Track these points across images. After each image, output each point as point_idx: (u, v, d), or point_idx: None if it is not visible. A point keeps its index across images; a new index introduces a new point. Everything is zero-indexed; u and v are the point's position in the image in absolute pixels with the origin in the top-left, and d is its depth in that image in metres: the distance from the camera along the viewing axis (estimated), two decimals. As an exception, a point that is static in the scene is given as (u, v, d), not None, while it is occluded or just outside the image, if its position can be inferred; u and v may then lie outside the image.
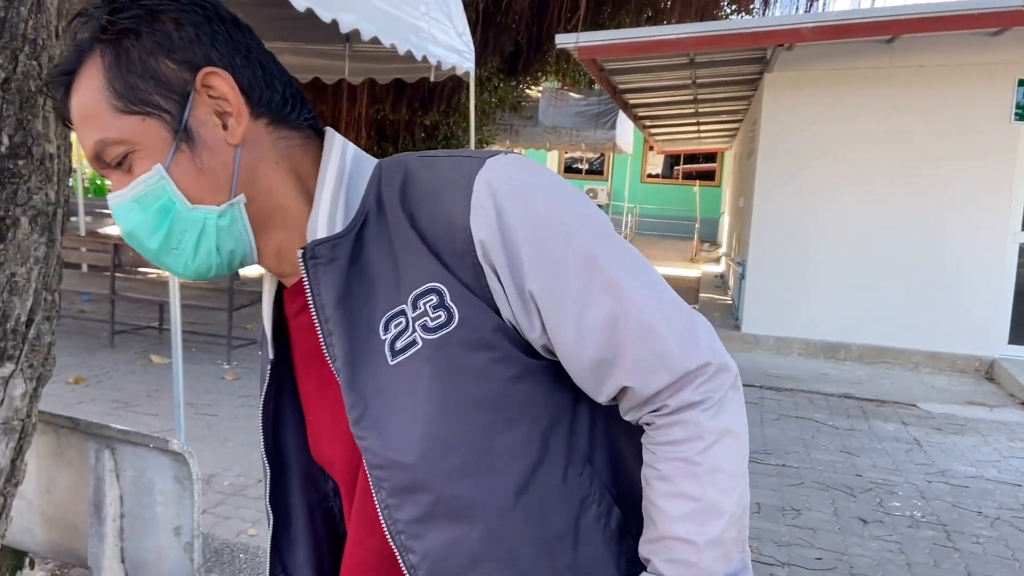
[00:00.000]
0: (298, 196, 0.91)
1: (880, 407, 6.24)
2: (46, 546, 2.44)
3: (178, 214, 0.86)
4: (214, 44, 0.86)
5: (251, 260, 0.93)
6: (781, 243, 8.15)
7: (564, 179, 0.90)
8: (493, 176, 0.84)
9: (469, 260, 0.83)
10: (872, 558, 3.59)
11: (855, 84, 7.79)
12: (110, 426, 2.13)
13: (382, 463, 0.86)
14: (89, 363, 6.11)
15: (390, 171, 0.90)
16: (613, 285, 0.83)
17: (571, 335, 0.84)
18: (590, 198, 0.91)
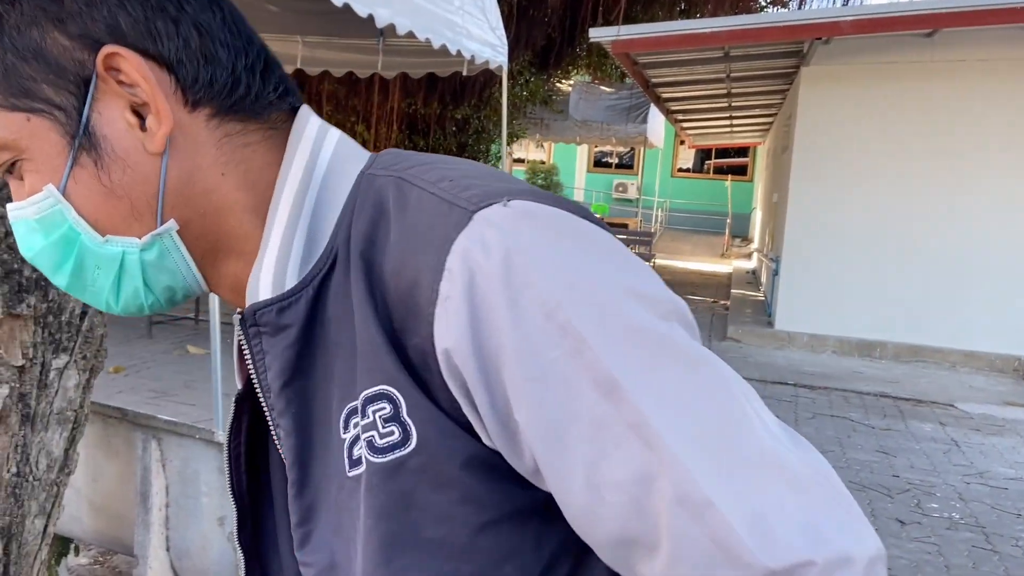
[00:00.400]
0: (253, 217, 0.65)
1: (917, 407, 6.16)
2: (92, 534, 2.48)
3: (85, 248, 0.63)
4: (122, 5, 0.60)
5: (199, 291, 0.70)
6: (816, 239, 8.07)
7: (597, 233, 0.59)
8: (476, 246, 0.54)
9: (433, 365, 0.56)
10: (910, 560, 3.55)
11: (893, 79, 7.68)
12: (157, 416, 2.16)
13: None
14: (128, 353, 6.20)
15: (368, 191, 0.62)
16: (643, 423, 0.51)
17: (580, 493, 0.53)
18: (648, 271, 0.59)
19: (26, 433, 1.45)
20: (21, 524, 1.49)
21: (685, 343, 0.56)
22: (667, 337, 0.55)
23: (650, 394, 0.52)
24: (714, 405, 0.55)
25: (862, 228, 7.91)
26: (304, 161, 0.65)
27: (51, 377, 1.51)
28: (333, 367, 0.62)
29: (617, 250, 0.58)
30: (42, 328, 1.45)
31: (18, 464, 1.43)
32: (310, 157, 0.65)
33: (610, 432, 0.52)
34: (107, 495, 2.37)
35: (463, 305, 0.53)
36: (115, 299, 0.66)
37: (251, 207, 0.65)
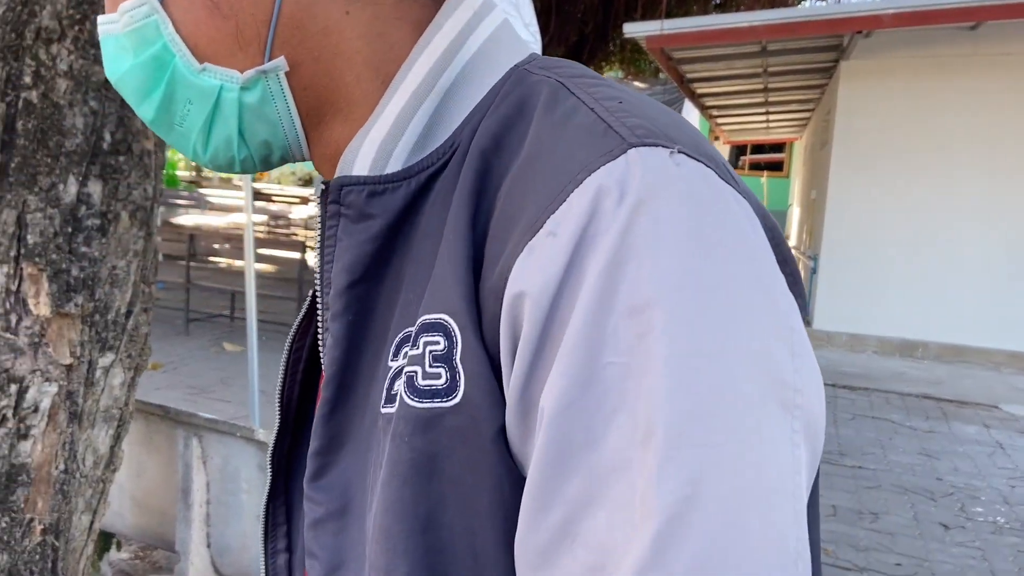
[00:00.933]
0: (374, 78, 0.54)
1: (961, 408, 6.04)
2: (135, 529, 2.51)
3: (178, 75, 0.53)
4: None
5: (299, 155, 0.58)
6: (856, 236, 7.94)
7: (759, 249, 0.44)
8: (614, 187, 0.42)
9: (495, 308, 0.44)
10: (954, 565, 3.47)
11: (936, 73, 7.53)
12: (198, 414, 2.18)
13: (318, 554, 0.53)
14: (165, 350, 6.28)
15: (516, 87, 0.51)
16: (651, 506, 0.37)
17: (549, 528, 0.40)
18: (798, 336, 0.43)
19: (73, 431, 1.46)
20: (68, 520, 1.50)
21: (766, 425, 0.38)
22: (763, 411, 0.38)
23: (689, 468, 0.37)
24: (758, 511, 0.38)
25: (904, 225, 7.77)
26: (454, 32, 0.53)
27: (97, 375, 1.52)
28: (404, 280, 0.51)
29: (771, 289, 0.43)
30: (89, 327, 1.47)
31: (66, 461, 1.45)
32: (462, 30, 0.53)
33: (620, 485, 0.38)
34: (149, 491, 2.40)
35: (565, 250, 0.41)
36: (203, 146, 0.56)
37: (374, 64, 0.53)
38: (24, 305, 1.35)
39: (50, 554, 1.44)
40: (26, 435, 1.37)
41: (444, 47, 0.52)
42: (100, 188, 1.47)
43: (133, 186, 1.55)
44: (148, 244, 1.64)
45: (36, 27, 1.36)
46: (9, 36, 1.35)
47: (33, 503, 1.40)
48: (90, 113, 1.43)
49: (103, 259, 1.50)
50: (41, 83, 1.37)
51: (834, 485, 4.32)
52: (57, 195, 1.40)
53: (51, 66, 1.38)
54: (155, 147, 1.62)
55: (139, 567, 3.05)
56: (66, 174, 1.41)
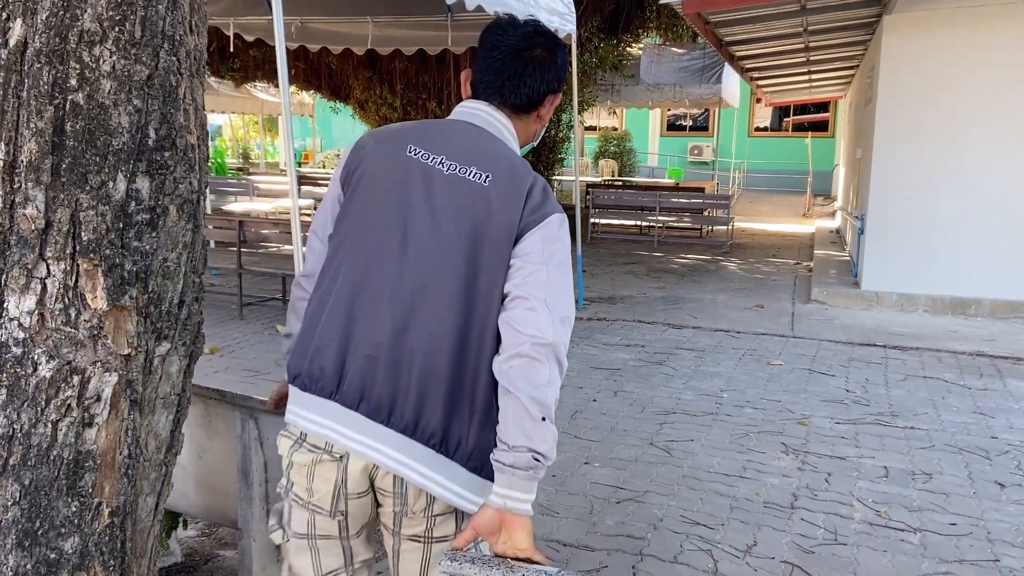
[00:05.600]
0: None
1: (1016, 365, 5.92)
2: (199, 508, 2.61)
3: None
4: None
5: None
6: (903, 194, 7.78)
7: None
8: None
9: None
10: (1011, 523, 3.44)
11: (985, 22, 7.30)
12: (253, 397, 2.26)
13: None
14: (222, 334, 6.45)
15: None
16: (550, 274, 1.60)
17: (528, 270, 1.52)
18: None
19: (135, 417, 1.53)
20: (134, 503, 1.58)
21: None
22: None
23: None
24: (566, 284, 1.51)
25: (952, 181, 7.59)
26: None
27: (155, 364, 1.59)
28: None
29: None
30: (144, 318, 1.53)
31: (129, 447, 1.52)
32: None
33: (544, 269, 1.50)
34: (211, 472, 2.49)
35: None
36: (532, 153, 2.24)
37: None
38: (82, 300, 1.42)
39: (118, 535, 1.52)
40: (90, 423, 1.45)
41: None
42: (148, 184, 1.52)
43: (179, 180, 1.60)
44: (196, 236, 1.69)
45: (79, 30, 1.41)
46: (53, 41, 1.40)
47: (100, 487, 1.47)
48: (134, 111, 1.48)
49: (154, 252, 1.56)
50: (86, 85, 1.42)
51: (886, 446, 4.28)
52: (107, 192, 1.46)
53: (95, 68, 1.43)
54: (198, 141, 1.67)
55: (206, 543, 3.18)
56: (115, 172, 1.46)
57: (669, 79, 14.65)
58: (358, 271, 1.55)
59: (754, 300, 8.18)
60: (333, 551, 1.62)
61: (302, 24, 8.23)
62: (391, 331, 1.50)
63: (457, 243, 1.52)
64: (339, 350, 1.52)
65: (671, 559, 3.10)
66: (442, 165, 1.57)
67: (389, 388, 1.49)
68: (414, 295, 1.51)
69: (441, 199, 1.55)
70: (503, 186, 1.55)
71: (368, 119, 12.96)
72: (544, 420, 1.39)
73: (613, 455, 4.11)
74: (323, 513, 1.57)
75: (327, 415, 1.52)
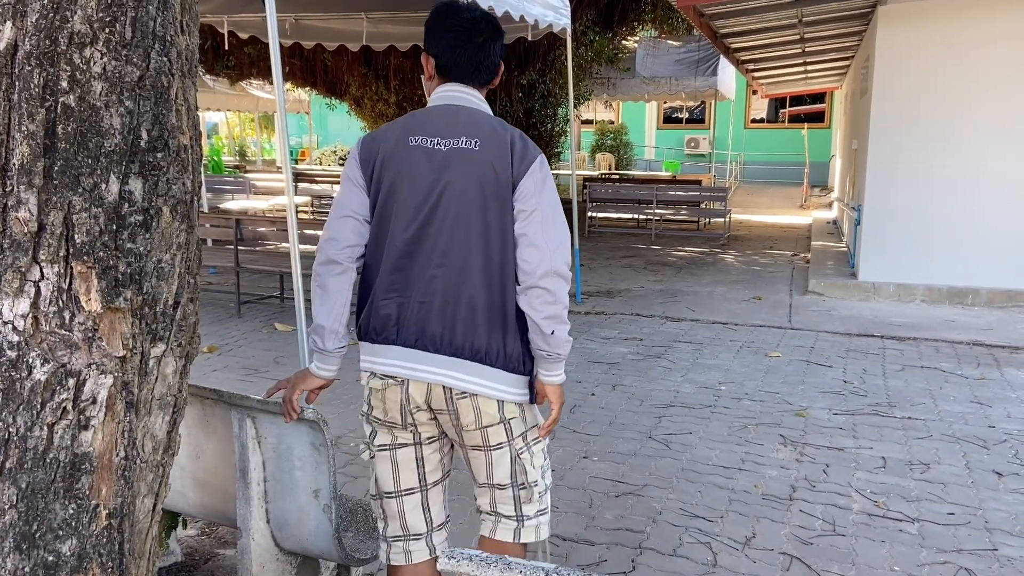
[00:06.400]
0: None
1: (1013, 354, 5.93)
2: (197, 508, 2.62)
3: None
4: None
5: None
6: (900, 185, 7.78)
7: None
8: None
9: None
10: (1008, 512, 3.45)
11: (981, 11, 7.29)
12: (250, 397, 2.26)
13: None
14: (220, 332, 6.45)
15: None
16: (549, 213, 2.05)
17: (530, 216, 2.01)
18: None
19: (131, 419, 1.53)
20: (132, 504, 1.58)
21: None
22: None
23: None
24: (557, 214, 2.00)
25: (948, 171, 7.59)
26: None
27: (150, 365, 1.59)
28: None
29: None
30: (139, 319, 1.53)
31: (126, 448, 1.52)
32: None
33: (539, 209, 1.97)
34: (209, 471, 2.49)
35: None
36: None
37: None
38: (76, 302, 1.42)
39: (116, 537, 1.53)
40: (86, 426, 1.45)
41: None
42: (141, 185, 1.52)
43: (172, 181, 1.60)
44: (191, 236, 1.69)
45: (69, 32, 1.41)
46: (44, 43, 1.40)
47: (97, 490, 1.47)
48: (126, 113, 1.48)
49: (148, 254, 1.56)
50: (77, 87, 1.42)
51: (884, 437, 4.29)
52: (100, 194, 1.45)
53: (86, 69, 1.43)
54: (191, 141, 1.67)
55: (206, 543, 3.18)
56: (107, 173, 1.46)
57: (665, 72, 14.64)
58: (401, 240, 1.96)
59: (752, 292, 8.18)
60: (409, 465, 2.07)
61: (296, 21, 8.21)
62: (437, 281, 1.95)
63: (471, 201, 1.94)
64: (397, 304, 1.97)
65: (670, 552, 3.11)
66: (440, 144, 1.96)
67: (440, 324, 1.95)
68: (448, 249, 1.94)
69: (450, 170, 1.94)
70: (490, 146, 1.96)
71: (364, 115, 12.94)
72: (553, 333, 1.96)
73: (612, 449, 4.12)
74: (398, 426, 2.04)
75: (391, 356, 1.98)
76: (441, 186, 1.94)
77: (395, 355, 1.98)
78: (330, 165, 22.51)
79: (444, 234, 1.94)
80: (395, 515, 2.10)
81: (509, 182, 1.95)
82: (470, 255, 1.94)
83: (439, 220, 1.94)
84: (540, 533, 2.12)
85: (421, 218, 1.94)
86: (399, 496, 2.09)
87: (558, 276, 1.93)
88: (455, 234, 1.94)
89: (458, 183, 1.94)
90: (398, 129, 2.00)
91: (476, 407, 1.98)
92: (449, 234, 1.94)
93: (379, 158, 1.98)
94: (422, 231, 1.95)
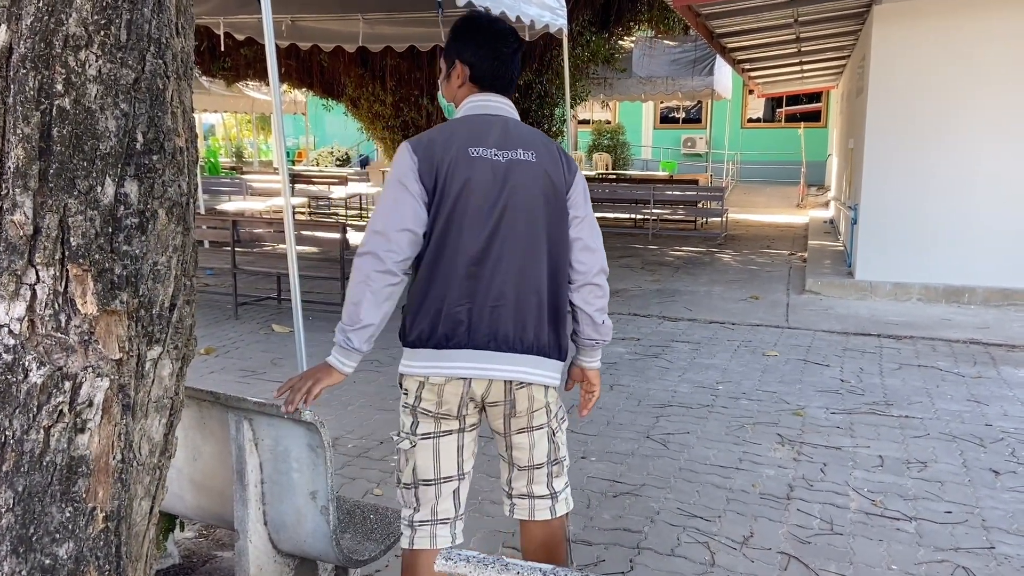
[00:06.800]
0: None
1: (1010, 352, 5.94)
2: (195, 510, 2.61)
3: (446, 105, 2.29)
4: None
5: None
6: (896, 184, 7.79)
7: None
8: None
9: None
10: (1005, 510, 3.45)
11: (975, 10, 7.31)
12: (247, 399, 2.25)
13: None
14: (217, 334, 6.44)
15: None
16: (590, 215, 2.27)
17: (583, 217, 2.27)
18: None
19: (128, 422, 1.53)
20: (129, 506, 1.58)
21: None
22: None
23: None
24: (594, 217, 2.29)
25: (944, 170, 7.60)
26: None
27: (147, 368, 1.59)
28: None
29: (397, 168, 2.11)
30: (135, 322, 1.53)
31: (122, 451, 1.52)
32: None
33: (586, 215, 2.23)
34: (206, 474, 2.49)
35: None
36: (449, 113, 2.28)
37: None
38: (72, 305, 1.42)
39: (113, 540, 1.52)
40: (83, 429, 1.45)
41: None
42: (136, 188, 1.52)
43: (168, 183, 1.60)
44: (187, 239, 1.69)
45: (64, 35, 1.41)
46: (39, 46, 1.40)
47: (94, 493, 1.47)
48: (121, 115, 1.48)
49: (144, 256, 1.55)
50: (72, 89, 1.42)
51: (881, 436, 4.30)
52: (96, 197, 1.45)
53: (81, 72, 1.43)
54: (187, 144, 1.67)
55: (203, 545, 3.18)
56: (103, 176, 1.46)
57: (661, 72, 14.64)
58: (474, 250, 2.05)
59: (749, 291, 8.19)
60: (449, 453, 2.15)
61: (292, 22, 8.20)
62: (508, 286, 2.07)
63: (534, 210, 2.09)
64: (467, 309, 2.05)
65: (668, 552, 3.11)
66: (499, 155, 2.07)
67: (512, 325, 2.08)
68: (516, 256, 2.07)
69: (512, 181, 2.07)
70: (544, 158, 2.12)
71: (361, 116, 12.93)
72: (604, 323, 2.26)
73: (610, 449, 4.12)
74: (450, 417, 2.12)
75: (461, 359, 2.06)
76: (506, 197, 2.05)
77: (465, 358, 2.06)
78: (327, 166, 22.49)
79: (511, 242, 2.06)
80: (428, 501, 2.16)
81: (563, 190, 2.13)
82: (535, 260, 2.09)
83: (506, 229, 2.06)
84: (568, 504, 2.30)
85: (490, 227, 2.05)
86: (437, 483, 2.15)
87: (604, 273, 2.21)
88: (521, 241, 2.07)
89: (521, 193, 2.07)
90: (455, 139, 2.07)
91: (530, 395, 2.13)
92: (516, 242, 2.07)
93: (445, 169, 2.03)
94: (491, 240, 2.05)
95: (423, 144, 2.07)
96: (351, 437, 4.24)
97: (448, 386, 2.07)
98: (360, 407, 4.73)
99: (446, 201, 2.03)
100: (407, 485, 2.18)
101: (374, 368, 5.52)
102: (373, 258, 2.03)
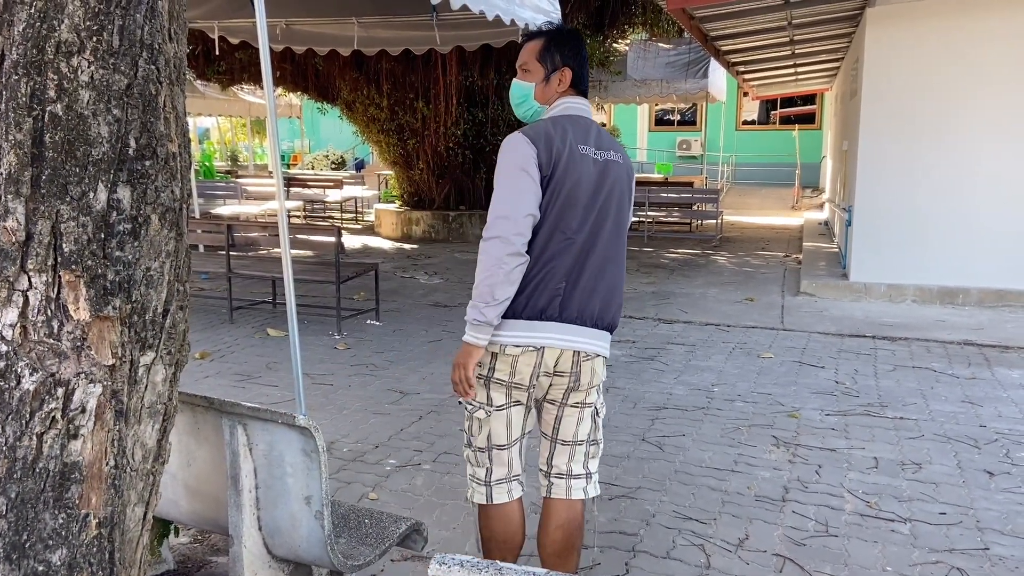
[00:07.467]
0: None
1: (1004, 353, 5.96)
2: (189, 515, 2.61)
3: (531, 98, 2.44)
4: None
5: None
6: (890, 185, 7.81)
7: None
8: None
9: None
10: (1000, 511, 3.46)
11: (970, 11, 7.33)
12: (241, 403, 2.25)
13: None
14: (212, 339, 6.43)
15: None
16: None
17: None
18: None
19: (120, 428, 1.53)
20: (123, 512, 1.58)
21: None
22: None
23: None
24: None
25: (938, 171, 7.62)
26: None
27: (140, 373, 1.58)
28: None
29: (515, 156, 2.30)
30: (128, 328, 1.53)
31: (116, 457, 1.52)
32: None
33: None
34: (200, 479, 2.49)
35: None
36: (528, 117, 2.49)
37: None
38: (64, 311, 1.42)
39: (107, 546, 1.52)
40: (76, 435, 1.45)
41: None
42: (129, 193, 1.52)
43: (161, 189, 1.60)
44: (180, 244, 1.69)
45: (56, 41, 1.41)
46: (31, 52, 1.40)
47: (87, 499, 1.47)
48: (114, 121, 1.48)
49: (137, 262, 1.55)
50: (65, 95, 1.42)
51: (876, 437, 4.31)
52: (88, 203, 1.45)
53: (73, 78, 1.43)
54: (180, 149, 1.67)
55: (198, 550, 3.17)
56: (95, 182, 1.46)
57: (656, 74, 14.66)
58: (580, 236, 2.29)
59: (744, 293, 8.20)
60: (518, 420, 2.40)
61: (287, 26, 8.20)
62: (603, 270, 2.35)
63: (622, 204, 2.40)
64: (567, 290, 2.29)
65: (664, 555, 3.11)
66: (597, 154, 2.34)
67: (599, 306, 2.34)
68: (610, 243, 2.36)
69: (609, 178, 2.34)
70: (624, 158, 2.42)
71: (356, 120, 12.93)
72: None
73: (605, 452, 4.11)
74: (522, 388, 2.35)
75: (550, 331, 2.30)
76: (606, 191, 2.33)
77: (554, 330, 2.30)
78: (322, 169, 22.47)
79: (606, 230, 2.34)
80: (503, 462, 2.42)
81: (633, 188, 2.47)
82: (619, 247, 2.40)
83: (604, 218, 2.33)
84: (598, 488, 2.53)
85: (593, 217, 2.31)
86: (510, 447, 2.41)
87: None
88: (612, 230, 2.36)
89: (615, 189, 2.36)
90: (568, 136, 2.30)
91: (593, 368, 2.37)
92: (610, 230, 2.35)
93: (561, 161, 2.25)
94: (594, 228, 2.31)
95: (541, 136, 2.27)
96: (346, 441, 4.23)
97: (523, 358, 2.29)
98: (355, 411, 4.73)
99: (560, 190, 2.25)
100: (481, 449, 2.42)
101: (369, 372, 5.52)
102: (502, 242, 2.20)
